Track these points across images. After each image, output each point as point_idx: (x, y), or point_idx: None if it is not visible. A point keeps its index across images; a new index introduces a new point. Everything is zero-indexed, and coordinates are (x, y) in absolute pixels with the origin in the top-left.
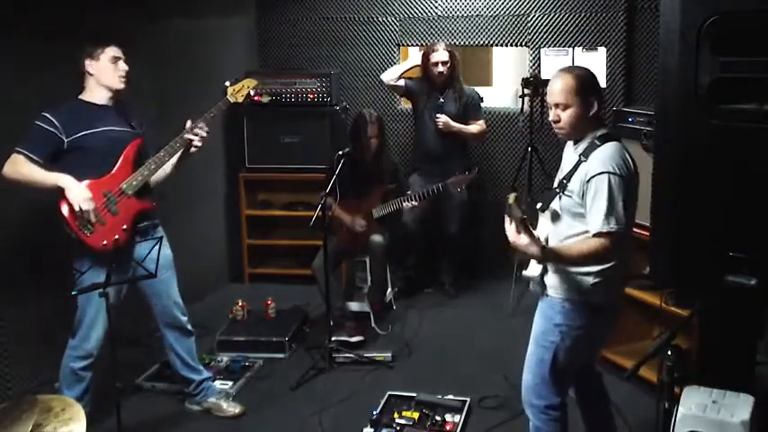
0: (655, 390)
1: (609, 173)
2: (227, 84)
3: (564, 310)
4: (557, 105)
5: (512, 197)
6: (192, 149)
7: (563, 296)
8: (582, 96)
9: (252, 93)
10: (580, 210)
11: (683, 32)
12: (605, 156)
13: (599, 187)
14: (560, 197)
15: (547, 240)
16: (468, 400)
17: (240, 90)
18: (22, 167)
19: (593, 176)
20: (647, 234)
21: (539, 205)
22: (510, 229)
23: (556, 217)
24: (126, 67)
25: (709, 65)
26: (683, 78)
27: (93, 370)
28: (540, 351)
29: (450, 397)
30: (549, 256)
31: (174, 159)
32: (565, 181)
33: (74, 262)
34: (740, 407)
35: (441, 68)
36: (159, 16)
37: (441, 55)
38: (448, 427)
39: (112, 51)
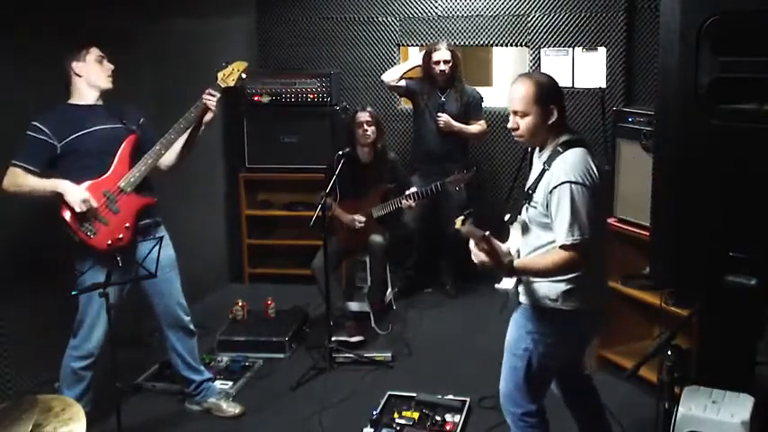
0: (655, 390)
1: (570, 182)
2: (217, 69)
3: (535, 318)
4: (515, 113)
5: (458, 222)
6: (209, 116)
7: (534, 303)
8: (540, 104)
9: (243, 75)
10: (546, 220)
11: (683, 32)
12: (567, 164)
13: (561, 198)
14: (527, 208)
15: (519, 252)
16: (468, 400)
17: (230, 74)
18: (21, 180)
19: (555, 187)
20: (647, 234)
21: (506, 217)
22: (473, 249)
23: (525, 228)
24: (112, 66)
25: (709, 65)
26: (683, 78)
27: (94, 370)
28: (513, 359)
29: (450, 397)
30: (516, 270)
31: (184, 138)
32: (530, 191)
33: (75, 262)
34: (740, 407)
35: (442, 67)
36: (159, 16)
37: (443, 54)
38: (448, 427)
39: (96, 51)
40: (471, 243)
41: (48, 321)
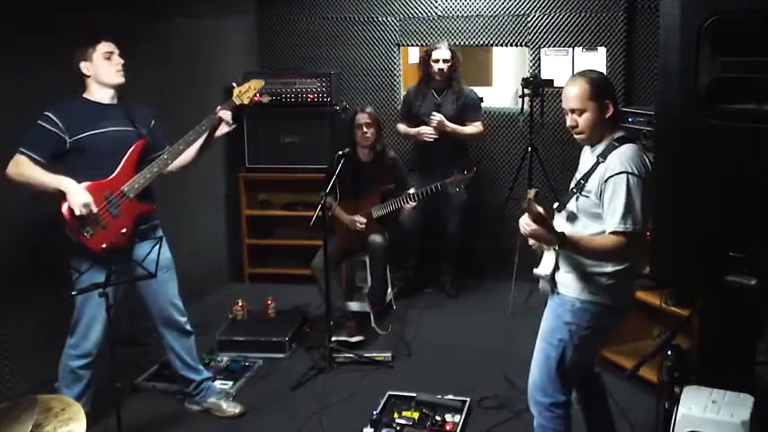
0: (655, 390)
1: (628, 173)
2: (234, 85)
3: (574, 309)
4: (572, 111)
5: (531, 192)
6: (224, 129)
7: (575, 295)
8: (597, 100)
9: (258, 95)
10: (597, 210)
11: (683, 32)
12: (624, 156)
13: (617, 187)
14: (577, 197)
15: None
16: (468, 400)
17: (246, 92)
18: (26, 169)
19: (612, 176)
20: (648, 234)
21: (555, 205)
22: (525, 220)
23: (572, 218)
24: (121, 61)
25: (710, 65)
26: (683, 78)
27: (93, 369)
28: (548, 348)
29: (450, 397)
30: (567, 242)
31: (197, 146)
32: (582, 181)
33: (73, 262)
34: (740, 407)
35: (441, 66)
36: (159, 16)
37: (443, 53)
38: (448, 427)
39: (104, 47)
40: (524, 217)
41: (47, 321)
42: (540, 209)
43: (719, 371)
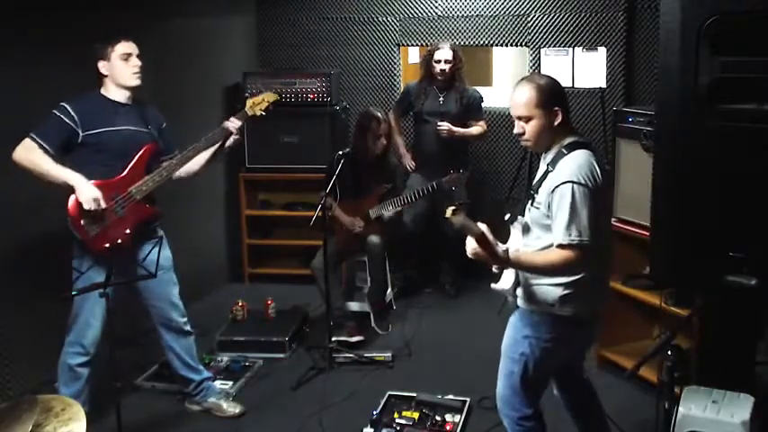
0: (655, 390)
1: (572, 182)
2: (247, 95)
3: (532, 322)
4: (519, 118)
5: (448, 211)
6: (229, 142)
7: (531, 308)
8: (544, 108)
9: (272, 108)
10: (548, 221)
11: (683, 32)
12: (571, 165)
13: (562, 197)
14: (529, 209)
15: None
16: (469, 400)
17: (260, 103)
18: (37, 158)
19: (557, 186)
20: (647, 234)
21: (507, 217)
22: (469, 241)
23: (526, 229)
24: (139, 63)
25: (709, 65)
26: (683, 78)
27: (91, 367)
28: (510, 363)
29: (451, 397)
30: (512, 262)
31: (207, 155)
32: (533, 192)
33: (73, 262)
34: (740, 407)
35: (443, 66)
36: (159, 16)
37: (445, 53)
38: (448, 427)
39: (123, 48)
40: (468, 239)
41: (47, 321)
42: (483, 227)
43: (719, 371)
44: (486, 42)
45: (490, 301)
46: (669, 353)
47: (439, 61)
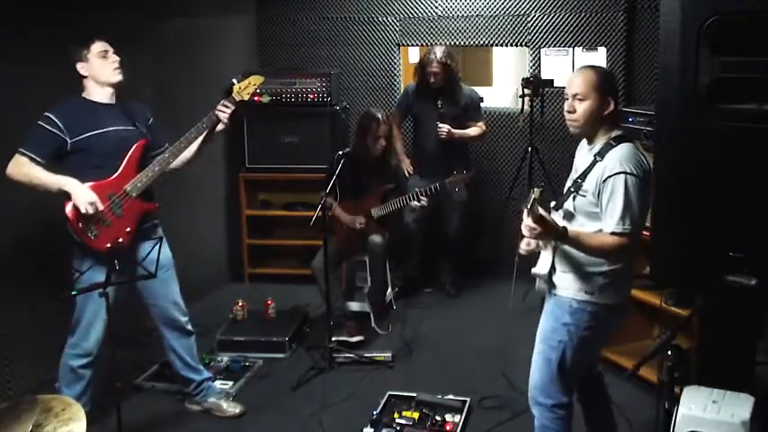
0: (655, 390)
1: (626, 173)
2: (234, 81)
3: (572, 310)
4: (574, 96)
5: (537, 192)
6: (220, 126)
7: (572, 296)
8: (600, 92)
9: (258, 91)
10: (595, 209)
11: (683, 32)
12: (622, 156)
13: (616, 187)
14: (574, 197)
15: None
16: (469, 400)
17: (246, 87)
18: (27, 169)
19: (610, 176)
20: (647, 234)
21: (552, 203)
22: (526, 221)
23: (569, 216)
24: (117, 58)
25: (710, 65)
26: (683, 78)
27: (93, 369)
28: (548, 350)
29: (451, 397)
30: (569, 237)
31: (198, 143)
32: (580, 180)
33: (73, 262)
34: (740, 407)
35: (435, 69)
36: (159, 16)
37: (434, 57)
38: (448, 427)
39: (98, 47)
40: (524, 215)
41: (47, 321)
42: (542, 210)
43: (719, 371)
44: (486, 42)
45: (490, 300)
46: (669, 353)
47: (430, 64)
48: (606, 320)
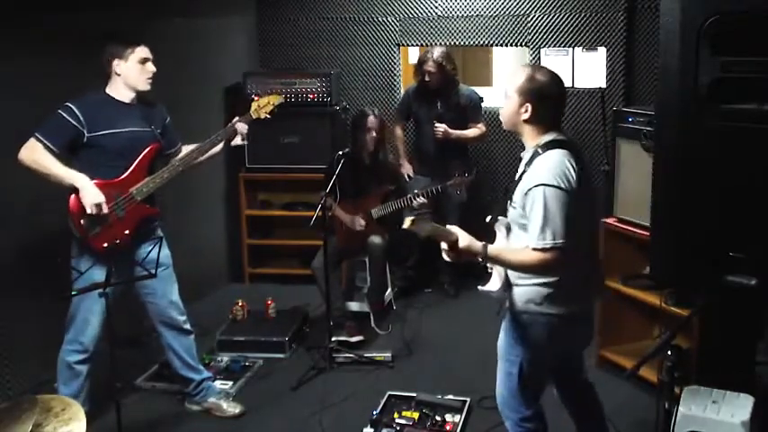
0: (655, 390)
1: (544, 185)
2: (254, 98)
3: (523, 323)
4: (506, 91)
5: (407, 222)
6: (238, 140)
7: (523, 309)
8: (520, 96)
9: (276, 110)
10: (524, 221)
11: (683, 32)
12: (544, 166)
13: (535, 200)
14: (508, 209)
15: None
16: (469, 400)
17: (265, 106)
18: (40, 156)
19: (530, 189)
20: (647, 234)
21: (488, 218)
22: (443, 246)
23: (508, 229)
24: (153, 69)
25: (710, 65)
26: (683, 78)
27: (90, 365)
28: (507, 365)
29: (451, 397)
30: (490, 256)
31: (209, 153)
32: (511, 192)
33: (73, 262)
34: (740, 407)
35: (430, 68)
36: (159, 16)
37: (430, 58)
38: (448, 427)
39: (142, 52)
40: (441, 244)
41: (48, 321)
42: (454, 228)
43: (719, 371)
44: (486, 42)
45: (490, 301)
46: (669, 353)
47: (426, 62)
48: (562, 331)
